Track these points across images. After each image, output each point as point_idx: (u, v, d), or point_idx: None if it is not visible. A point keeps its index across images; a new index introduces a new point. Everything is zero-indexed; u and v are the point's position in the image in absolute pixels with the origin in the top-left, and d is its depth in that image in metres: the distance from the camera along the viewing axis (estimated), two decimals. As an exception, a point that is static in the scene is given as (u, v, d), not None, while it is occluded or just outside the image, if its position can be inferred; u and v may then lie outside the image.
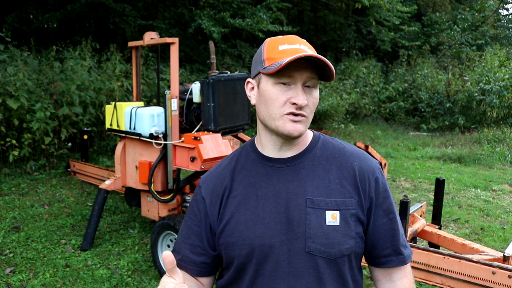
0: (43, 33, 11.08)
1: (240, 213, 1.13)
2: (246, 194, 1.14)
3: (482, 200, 5.78)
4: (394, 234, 1.18)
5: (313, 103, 1.10)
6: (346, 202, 1.11)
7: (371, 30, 13.64)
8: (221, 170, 1.21)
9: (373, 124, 11.92)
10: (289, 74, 1.06)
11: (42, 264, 3.77)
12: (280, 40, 1.11)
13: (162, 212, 3.88)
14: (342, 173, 1.14)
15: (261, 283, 1.11)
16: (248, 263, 1.11)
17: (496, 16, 18.32)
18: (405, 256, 1.19)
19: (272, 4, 10.20)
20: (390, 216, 1.17)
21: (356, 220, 1.12)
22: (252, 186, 1.15)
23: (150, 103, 6.91)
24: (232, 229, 1.12)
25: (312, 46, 1.17)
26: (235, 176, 1.18)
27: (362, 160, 1.17)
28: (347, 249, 1.10)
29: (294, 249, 1.09)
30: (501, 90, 10.43)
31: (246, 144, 1.26)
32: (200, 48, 11.00)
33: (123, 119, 3.89)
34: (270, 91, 1.09)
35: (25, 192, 5.32)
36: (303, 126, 1.09)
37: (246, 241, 1.10)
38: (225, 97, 3.65)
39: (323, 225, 1.08)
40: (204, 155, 3.28)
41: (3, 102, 5.35)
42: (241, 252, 1.11)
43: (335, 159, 1.16)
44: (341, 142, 1.22)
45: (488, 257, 2.75)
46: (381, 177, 1.17)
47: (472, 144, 9.22)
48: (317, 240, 1.08)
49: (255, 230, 1.10)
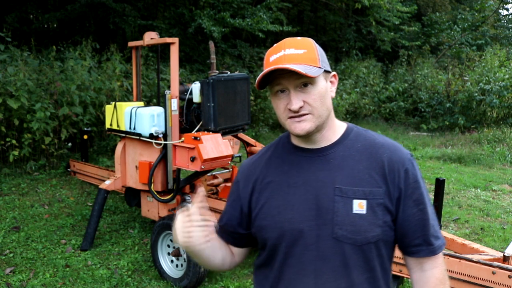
0: (43, 33, 11.08)
1: (273, 198, 1.22)
2: (279, 181, 1.23)
3: (482, 200, 5.78)
4: (424, 225, 1.21)
5: (313, 99, 1.16)
6: (374, 191, 1.16)
7: (371, 30, 13.63)
8: (257, 158, 1.33)
9: (373, 124, 11.92)
10: (278, 82, 1.16)
11: (42, 264, 3.77)
12: (272, 50, 1.19)
13: (162, 212, 3.88)
14: (371, 163, 1.19)
15: (291, 265, 1.20)
16: (279, 245, 1.21)
17: (496, 16, 18.31)
18: (435, 247, 1.22)
19: (272, 4, 10.19)
20: (420, 207, 1.20)
21: (383, 209, 1.16)
22: (285, 174, 1.23)
23: (150, 103, 6.91)
24: (265, 213, 1.23)
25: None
26: (270, 164, 1.28)
27: (393, 151, 1.21)
28: (373, 237, 1.15)
29: (322, 234, 1.16)
30: (501, 90, 10.43)
31: (284, 135, 1.34)
32: (200, 48, 11.00)
33: (123, 119, 3.89)
34: (273, 101, 1.22)
35: (25, 192, 5.32)
36: (308, 123, 1.16)
37: (277, 224, 1.20)
38: (225, 97, 3.65)
39: (350, 213, 1.15)
40: (204, 155, 3.27)
41: (4, 102, 5.35)
42: (272, 235, 1.21)
43: (366, 150, 1.21)
44: (374, 134, 1.27)
45: (488, 257, 2.75)
46: (411, 168, 1.21)
47: (472, 144, 9.22)
48: (344, 227, 1.14)
49: (285, 215, 1.19)
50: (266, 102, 9.42)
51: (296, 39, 1.20)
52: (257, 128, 9.36)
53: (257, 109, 9.43)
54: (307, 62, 1.14)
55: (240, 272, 3.74)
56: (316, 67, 1.15)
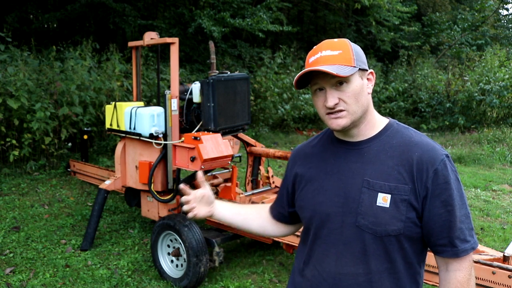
0: (43, 33, 11.09)
1: (311, 182, 1.36)
2: (319, 167, 1.36)
3: (482, 200, 5.78)
4: (450, 226, 1.22)
5: (348, 96, 1.23)
6: (399, 188, 1.21)
7: (371, 30, 13.63)
8: (306, 144, 1.48)
9: (373, 124, 11.91)
10: (315, 82, 1.26)
11: (42, 264, 3.77)
12: (312, 51, 1.29)
13: (162, 212, 3.88)
14: (402, 161, 1.24)
15: (319, 243, 1.32)
16: (311, 225, 1.34)
17: (496, 16, 18.32)
18: (459, 249, 1.23)
19: (272, 4, 10.19)
20: (448, 208, 1.21)
21: (408, 205, 1.21)
22: (325, 161, 1.36)
23: (150, 103, 6.91)
24: (304, 195, 1.37)
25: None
26: (314, 151, 1.41)
27: (425, 151, 1.24)
28: (393, 230, 1.21)
29: (347, 221, 1.25)
30: (501, 90, 10.43)
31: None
32: (200, 48, 11.00)
33: (123, 119, 3.89)
34: (313, 99, 1.32)
35: (25, 192, 5.32)
36: (344, 119, 1.25)
37: (310, 206, 1.34)
38: (225, 97, 3.65)
39: (373, 205, 1.22)
40: (204, 155, 3.27)
41: (4, 102, 5.35)
42: (306, 214, 1.36)
43: (399, 147, 1.26)
44: (413, 132, 1.32)
45: (488, 257, 2.75)
46: (443, 169, 1.22)
47: (472, 144, 9.22)
48: (366, 217, 1.22)
49: (318, 199, 1.32)
50: (266, 102, 9.43)
51: (333, 41, 1.27)
52: (257, 128, 9.36)
53: (257, 109, 9.43)
54: (341, 62, 1.21)
55: (240, 272, 3.74)
56: (350, 66, 1.22)
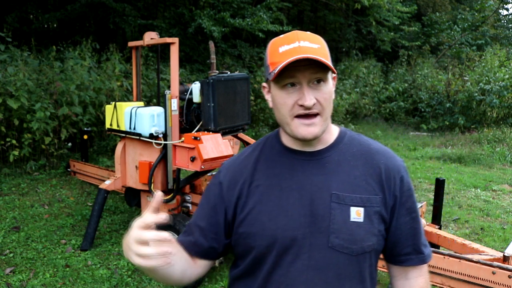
0: (43, 33, 11.08)
1: (263, 203, 1.12)
2: (270, 185, 1.13)
3: (482, 200, 5.78)
4: (415, 233, 1.18)
5: (324, 98, 1.07)
6: (371, 199, 1.11)
7: (371, 30, 13.64)
8: (243, 158, 1.21)
9: (373, 124, 11.92)
10: (291, 75, 1.04)
11: (42, 264, 3.77)
12: (280, 40, 1.09)
13: (162, 212, 3.88)
14: (368, 170, 1.13)
15: (279, 274, 1.10)
16: (268, 253, 1.11)
17: (496, 16, 18.32)
18: (425, 256, 1.20)
19: (272, 4, 10.19)
20: (412, 215, 1.17)
21: (379, 218, 1.12)
22: (276, 177, 1.14)
23: (150, 103, 6.91)
24: (254, 219, 1.11)
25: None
26: (258, 165, 1.17)
27: (388, 158, 1.17)
28: (368, 246, 1.10)
29: (316, 243, 1.08)
30: (501, 90, 10.43)
31: (271, 135, 1.24)
32: (200, 48, 11.00)
33: (123, 119, 3.89)
34: (278, 96, 1.09)
35: (25, 192, 5.32)
36: (317, 127, 1.08)
37: (268, 232, 1.10)
38: (225, 97, 3.65)
39: (347, 221, 1.08)
40: (204, 155, 3.27)
41: (4, 102, 5.35)
42: (262, 242, 1.10)
43: (361, 156, 1.16)
44: (367, 139, 1.22)
45: (488, 257, 2.75)
46: (406, 176, 1.18)
47: (472, 144, 9.22)
48: (341, 235, 1.08)
49: (278, 222, 1.09)
50: (266, 102, 9.40)
51: (307, 33, 1.10)
52: (257, 128, 9.36)
53: (257, 109, 9.43)
54: (323, 58, 1.04)
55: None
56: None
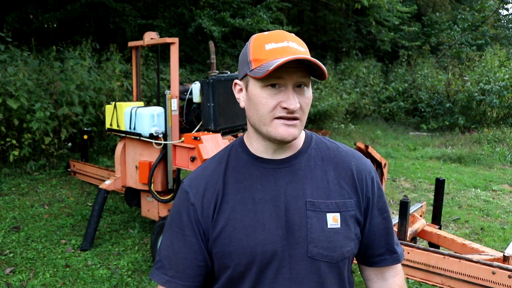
0: (43, 33, 11.08)
1: (236, 219, 1.05)
2: (242, 199, 1.07)
3: (482, 200, 5.78)
4: (388, 233, 1.17)
5: (306, 104, 1.04)
6: (346, 203, 1.08)
7: (371, 30, 13.64)
8: (209, 173, 1.12)
9: (373, 124, 11.92)
10: (277, 75, 0.99)
11: (42, 264, 3.77)
12: (266, 37, 1.04)
13: (162, 212, 3.88)
14: (340, 173, 1.11)
15: None
16: (247, 271, 1.05)
17: (496, 16, 18.32)
18: (398, 255, 1.20)
19: (272, 4, 10.20)
20: (384, 215, 1.16)
21: (354, 221, 1.10)
22: (247, 189, 1.07)
23: (150, 103, 6.91)
24: (229, 236, 1.05)
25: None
26: (226, 179, 1.10)
27: (358, 159, 1.15)
28: (347, 251, 1.08)
29: (296, 254, 1.04)
30: (501, 90, 10.43)
31: (234, 144, 1.17)
32: (200, 48, 11.00)
33: (123, 119, 3.89)
34: (259, 95, 1.02)
35: (25, 192, 5.32)
36: (297, 129, 1.03)
37: (247, 249, 1.04)
38: (225, 97, 3.65)
39: (324, 228, 1.05)
40: (204, 155, 3.28)
41: (3, 102, 5.35)
42: (241, 261, 1.04)
43: (331, 160, 1.13)
44: (334, 142, 1.19)
45: (488, 257, 2.75)
46: (376, 176, 1.17)
47: (472, 144, 9.22)
48: (320, 244, 1.04)
49: (256, 237, 1.04)
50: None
51: (293, 35, 1.06)
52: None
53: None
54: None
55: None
56: None
